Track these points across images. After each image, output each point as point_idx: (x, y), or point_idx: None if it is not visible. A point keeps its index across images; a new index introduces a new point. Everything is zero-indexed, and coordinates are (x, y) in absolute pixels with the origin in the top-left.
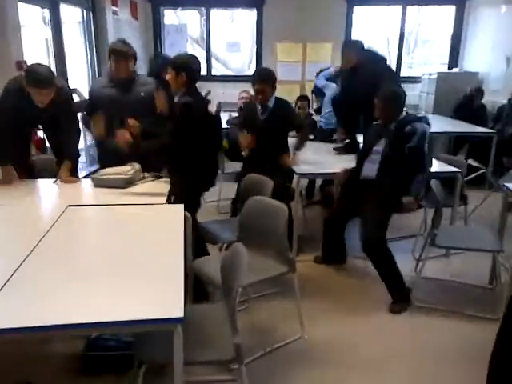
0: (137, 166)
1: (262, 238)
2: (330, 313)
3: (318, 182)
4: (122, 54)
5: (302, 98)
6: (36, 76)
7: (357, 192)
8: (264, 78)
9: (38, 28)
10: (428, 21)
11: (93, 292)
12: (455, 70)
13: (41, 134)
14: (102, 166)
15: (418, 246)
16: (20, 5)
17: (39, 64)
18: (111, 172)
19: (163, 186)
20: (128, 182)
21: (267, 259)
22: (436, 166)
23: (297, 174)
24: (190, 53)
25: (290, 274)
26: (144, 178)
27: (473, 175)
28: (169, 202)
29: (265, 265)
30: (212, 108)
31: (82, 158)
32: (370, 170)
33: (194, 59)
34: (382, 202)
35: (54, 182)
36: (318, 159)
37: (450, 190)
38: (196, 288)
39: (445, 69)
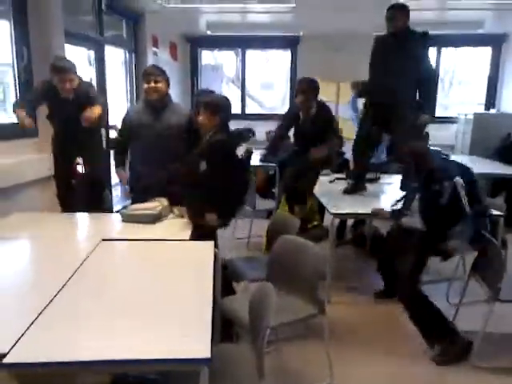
0: (165, 201)
1: (292, 278)
2: (361, 359)
3: (350, 221)
4: (152, 73)
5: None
6: (59, 65)
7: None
8: (304, 89)
9: (83, 68)
10: (464, 62)
11: (121, 328)
12: (492, 110)
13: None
14: (134, 199)
15: (453, 291)
16: (67, 46)
17: (61, 57)
18: (140, 207)
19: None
20: (156, 218)
21: (296, 299)
22: None
23: (331, 213)
24: (222, 94)
25: (320, 316)
26: (171, 212)
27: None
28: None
29: (294, 306)
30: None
31: (117, 192)
32: (412, 220)
33: (227, 101)
34: (419, 249)
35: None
36: (351, 198)
37: (490, 234)
38: (223, 327)
39: (481, 109)
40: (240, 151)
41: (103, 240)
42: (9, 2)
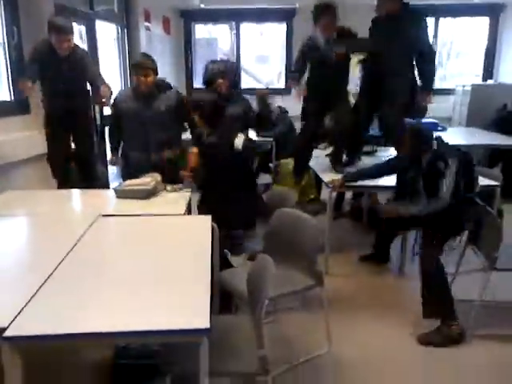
0: (158, 177)
1: (290, 251)
2: (358, 328)
3: (348, 194)
4: (142, 67)
5: None
6: (57, 24)
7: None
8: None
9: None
10: (461, 33)
11: (121, 301)
12: (490, 81)
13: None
14: (124, 179)
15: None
16: None
17: (60, 16)
18: (133, 183)
19: (184, 196)
20: (150, 193)
21: (294, 272)
22: None
23: (329, 187)
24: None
25: (318, 287)
26: (165, 189)
27: None
28: (188, 211)
29: (292, 277)
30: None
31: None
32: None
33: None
34: (438, 231)
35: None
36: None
37: (487, 204)
38: (222, 300)
39: (479, 81)
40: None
41: (102, 215)
42: None
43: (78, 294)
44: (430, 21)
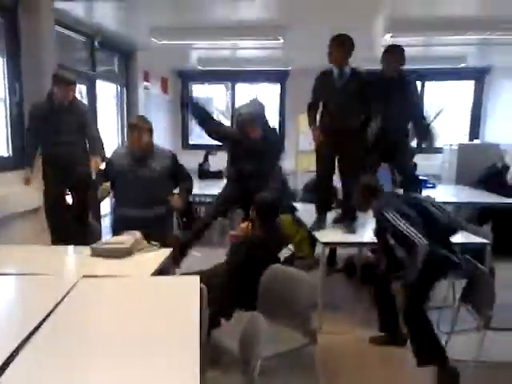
0: (137, 234)
1: (283, 307)
2: None
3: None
4: (138, 128)
5: None
6: (66, 77)
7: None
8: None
9: None
10: (448, 94)
11: (101, 373)
12: (476, 141)
13: None
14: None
15: (444, 319)
16: None
17: (63, 69)
18: (112, 241)
19: (162, 254)
20: (128, 252)
21: (287, 330)
22: (463, 237)
23: (322, 242)
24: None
25: (312, 346)
26: (143, 248)
27: None
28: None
29: (285, 336)
30: None
31: (106, 222)
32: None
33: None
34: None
35: None
36: (341, 227)
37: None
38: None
39: (466, 140)
40: None
41: (84, 276)
42: (3, 38)
43: (59, 360)
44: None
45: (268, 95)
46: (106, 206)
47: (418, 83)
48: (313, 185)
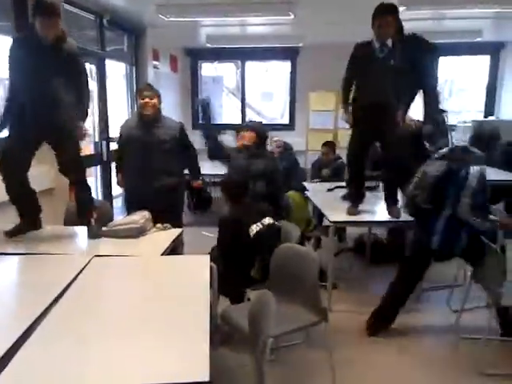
0: (147, 214)
1: (292, 286)
2: (363, 367)
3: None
4: (147, 90)
5: (328, 143)
6: (42, 4)
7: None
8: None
9: None
10: (463, 70)
11: (115, 351)
12: (491, 118)
13: None
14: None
15: (455, 297)
16: None
17: None
18: (122, 222)
19: (172, 234)
20: (140, 232)
21: (298, 308)
22: None
23: (330, 221)
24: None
25: (322, 323)
26: (155, 227)
27: None
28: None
29: (295, 314)
30: None
31: (118, 203)
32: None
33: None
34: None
35: None
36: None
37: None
38: (223, 333)
39: (481, 117)
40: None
41: (95, 256)
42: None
43: (72, 341)
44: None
45: (278, 73)
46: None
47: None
48: (320, 163)
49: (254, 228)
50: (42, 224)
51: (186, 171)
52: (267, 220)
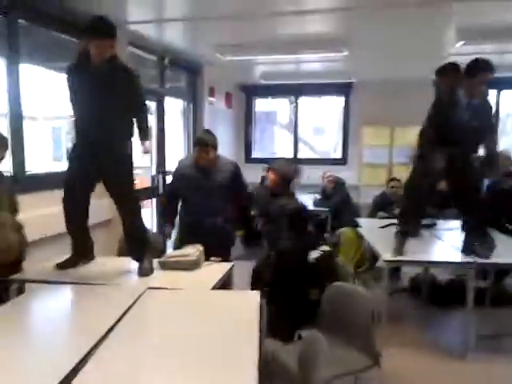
0: (200, 247)
1: (344, 327)
2: None
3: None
4: (204, 144)
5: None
6: (104, 25)
7: None
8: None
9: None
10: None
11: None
12: None
13: None
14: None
15: None
16: None
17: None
18: (178, 254)
19: (224, 268)
20: (194, 265)
21: (349, 350)
22: None
23: (384, 260)
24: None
25: (375, 368)
26: (209, 260)
27: None
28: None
29: (346, 356)
30: None
31: None
32: None
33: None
34: None
35: None
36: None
37: None
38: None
39: None
40: None
41: (149, 288)
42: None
43: (119, 376)
44: (492, 92)
45: (331, 108)
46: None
47: (494, 91)
48: (382, 200)
49: (313, 254)
50: (93, 256)
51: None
52: (324, 247)
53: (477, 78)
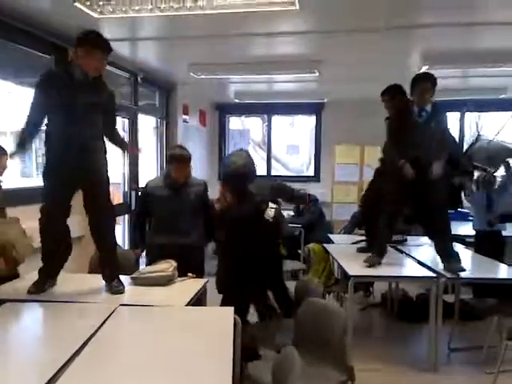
0: (174, 263)
1: (318, 343)
2: None
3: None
4: (184, 158)
5: None
6: (101, 38)
7: None
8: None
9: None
10: (489, 125)
11: None
12: None
13: None
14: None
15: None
16: None
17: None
18: (152, 270)
19: (197, 284)
20: (168, 280)
21: (323, 365)
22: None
23: (350, 276)
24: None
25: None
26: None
27: None
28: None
29: (321, 372)
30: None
31: None
32: None
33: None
34: None
35: None
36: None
37: None
38: None
39: None
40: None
41: (121, 305)
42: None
43: None
44: (456, 115)
45: (303, 127)
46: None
47: (457, 114)
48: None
49: (270, 211)
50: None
51: None
52: (272, 204)
53: (418, 88)
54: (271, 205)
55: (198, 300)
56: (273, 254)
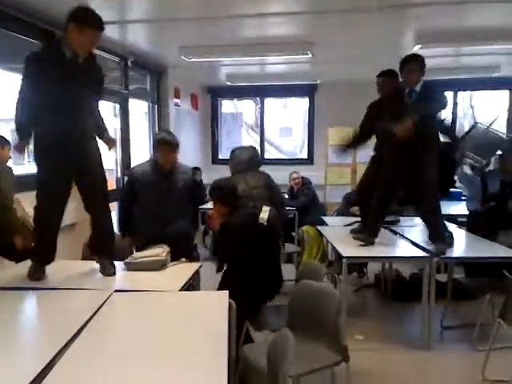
0: (166, 247)
1: (312, 324)
2: None
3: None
4: (171, 144)
5: None
6: (95, 16)
7: None
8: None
9: (109, 119)
10: (482, 104)
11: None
12: None
13: None
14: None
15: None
16: None
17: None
18: (145, 255)
19: (191, 269)
20: (162, 264)
21: (318, 346)
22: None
23: (344, 257)
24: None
25: (343, 363)
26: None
27: None
28: (188, 286)
29: (315, 353)
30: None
31: None
32: None
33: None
34: None
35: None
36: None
37: None
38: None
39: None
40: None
41: (115, 291)
42: None
43: (85, 381)
44: (449, 94)
45: (296, 109)
46: None
47: (450, 93)
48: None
49: (263, 215)
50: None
51: None
52: (265, 207)
53: (406, 69)
54: (264, 208)
55: (192, 285)
56: (276, 263)
